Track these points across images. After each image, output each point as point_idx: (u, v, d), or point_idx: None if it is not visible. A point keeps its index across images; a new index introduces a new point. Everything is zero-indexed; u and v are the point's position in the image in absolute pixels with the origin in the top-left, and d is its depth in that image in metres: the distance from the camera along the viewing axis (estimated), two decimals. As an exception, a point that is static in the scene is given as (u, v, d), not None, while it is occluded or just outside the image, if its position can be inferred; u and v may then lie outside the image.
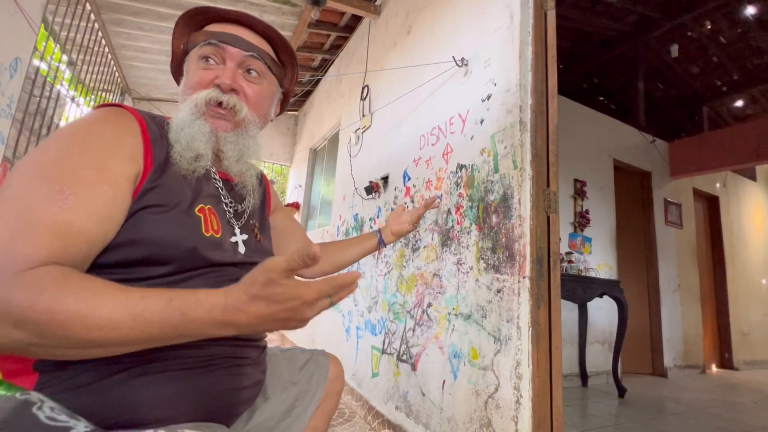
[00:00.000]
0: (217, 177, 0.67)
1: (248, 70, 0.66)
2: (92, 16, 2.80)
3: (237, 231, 0.66)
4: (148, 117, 0.60)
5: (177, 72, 0.72)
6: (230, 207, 0.67)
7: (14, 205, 0.44)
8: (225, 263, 0.60)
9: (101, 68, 3.33)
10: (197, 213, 0.59)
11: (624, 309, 2.73)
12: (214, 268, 0.59)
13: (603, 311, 3.21)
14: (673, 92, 4.77)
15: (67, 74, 2.91)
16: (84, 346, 0.40)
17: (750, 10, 3.50)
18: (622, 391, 2.72)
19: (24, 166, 0.48)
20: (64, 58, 2.88)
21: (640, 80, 4.11)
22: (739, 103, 4.83)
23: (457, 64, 1.70)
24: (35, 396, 0.23)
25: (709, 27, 3.77)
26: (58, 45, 2.60)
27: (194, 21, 0.68)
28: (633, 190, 3.99)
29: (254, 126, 0.67)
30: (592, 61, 4.28)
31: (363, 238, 1.08)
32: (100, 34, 3.05)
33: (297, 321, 0.43)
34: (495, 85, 1.48)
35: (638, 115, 4.06)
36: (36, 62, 2.18)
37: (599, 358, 3.16)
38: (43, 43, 2.23)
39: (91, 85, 3.21)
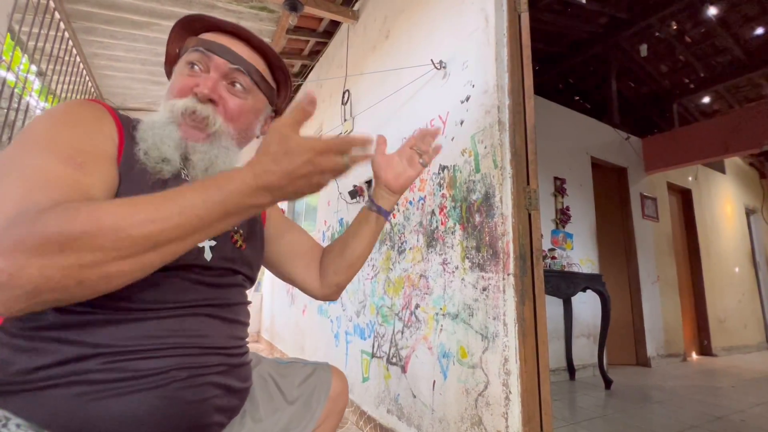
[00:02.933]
0: (189, 180, 0.63)
1: (233, 83, 0.64)
2: (62, 25, 2.72)
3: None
4: (121, 113, 0.61)
5: (169, 75, 0.71)
6: None
7: (25, 172, 0.42)
8: (187, 265, 0.57)
9: (73, 78, 3.24)
10: None
11: (607, 302, 2.79)
12: (172, 272, 0.55)
13: (587, 305, 3.28)
14: (645, 90, 4.94)
15: (37, 85, 2.82)
16: (140, 247, 0.39)
17: (712, 11, 3.67)
18: (608, 383, 2.78)
19: (15, 144, 0.46)
20: (33, 68, 2.78)
21: (613, 79, 4.25)
22: (706, 100, 5.04)
23: (436, 67, 1.72)
24: (0, 413, 0.22)
25: (674, 27, 3.93)
26: (26, 55, 2.51)
27: (191, 27, 0.68)
28: (610, 185, 4.11)
29: (229, 138, 0.64)
30: (567, 62, 4.40)
31: (361, 220, 0.80)
32: (71, 43, 2.97)
33: (319, 175, 0.47)
34: (473, 86, 1.50)
35: (612, 113, 4.19)
36: (2, 73, 2.11)
37: (585, 351, 3.22)
38: (10, 54, 2.16)
39: (63, 95, 3.11)
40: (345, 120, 2.70)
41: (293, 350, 3.13)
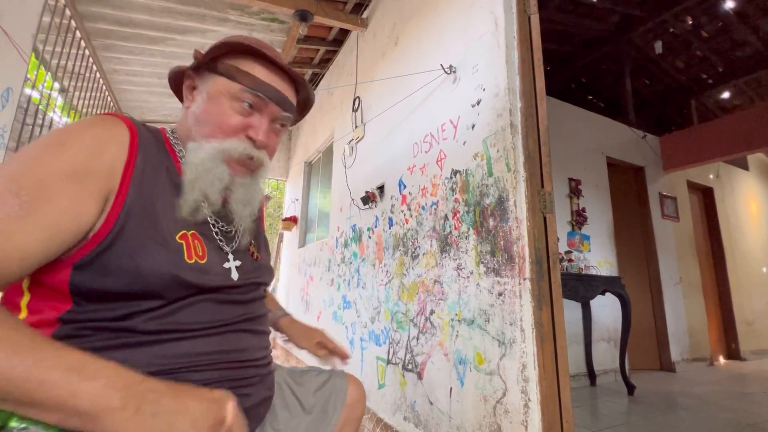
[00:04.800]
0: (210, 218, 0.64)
1: (279, 123, 0.67)
2: (82, 43, 2.83)
3: (230, 257, 0.64)
4: (141, 126, 0.58)
5: (178, 84, 0.69)
6: (220, 229, 0.65)
7: None
8: (217, 287, 0.59)
9: (93, 93, 3.35)
10: (178, 240, 0.56)
11: (627, 305, 2.72)
12: (206, 294, 0.57)
13: (606, 308, 3.20)
14: (661, 87, 4.83)
15: (60, 101, 2.93)
16: None
17: (729, 4, 3.57)
18: (631, 389, 2.70)
19: (2, 162, 0.48)
20: (56, 85, 2.89)
21: (627, 77, 4.17)
22: (726, 95, 4.89)
23: (446, 72, 1.72)
24: (33, 429, 0.23)
25: (690, 22, 3.84)
26: (49, 73, 2.61)
27: (239, 47, 0.63)
28: (627, 185, 4.02)
29: (267, 171, 0.68)
30: (579, 62, 4.34)
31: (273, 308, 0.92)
32: (91, 60, 3.08)
33: None
34: (484, 90, 1.50)
35: (628, 111, 4.11)
36: (28, 91, 2.19)
37: (606, 356, 3.14)
38: (35, 72, 2.25)
39: (84, 110, 3.22)
40: (356, 127, 2.72)
41: (308, 357, 3.13)
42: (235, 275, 0.63)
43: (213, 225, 0.64)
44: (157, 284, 0.52)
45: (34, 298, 0.51)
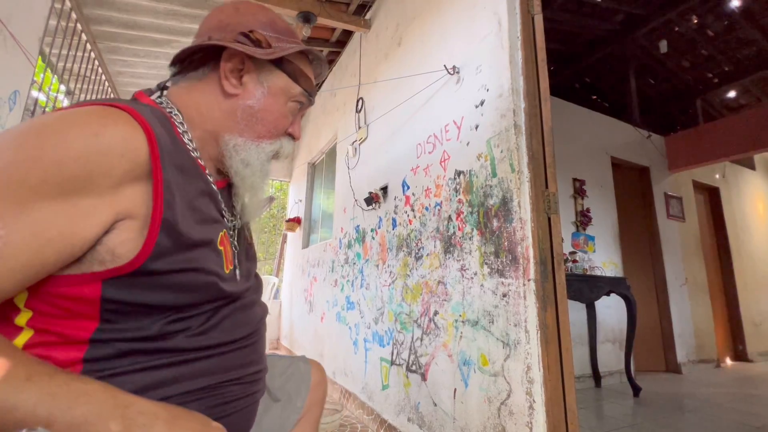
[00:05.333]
0: (214, 188, 0.57)
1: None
2: (88, 46, 2.85)
3: (236, 253, 0.61)
4: (151, 118, 0.47)
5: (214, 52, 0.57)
6: (230, 223, 0.61)
7: None
8: (235, 294, 0.57)
9: (99, 96, 3.38)
10: (219, 247, 0.53)
11: (632, 306, 2.70)
12: (232, 304, 0.56)
13: (612, 309, 3.18)
14: (666, 87, 4.80)
15: (66, 103, 2.96)
16: None
17: (734, 2, 3.54)
18: (636, 390, 2.68)
19: None
20: (62, 88, 2.92)
21: (632, 77, 4.14)
22: (732, 94, 4.85)
23: (449, 72, 1.72)
24: None
25: (695, 21, 3.81)
26: (55, 76, 2.64)
27: (303, 55, 0.63)
28: (632, 186, 4.00)
29: None
30: (583, 62, 4.32)
31: None
32: (96, 62, 3.10)
33: None
34: (487, 90, 1.50)
35: (632, 111, 4.08)
36: (35, 93, 2.22)
37: (611, 357, 3.12)
38: (41, 75, 2.27)
39: (90, 112, 3.24)
40: (359, 128, 2.72)
41: (312, 357, 3.13)
42: (239, 276, 0.60)
43: (224, 215, 0.59)
44: (203, 296, 0.49)
45: (37, 315, 0.43)
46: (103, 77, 3.37)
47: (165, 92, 0.59)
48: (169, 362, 0.47)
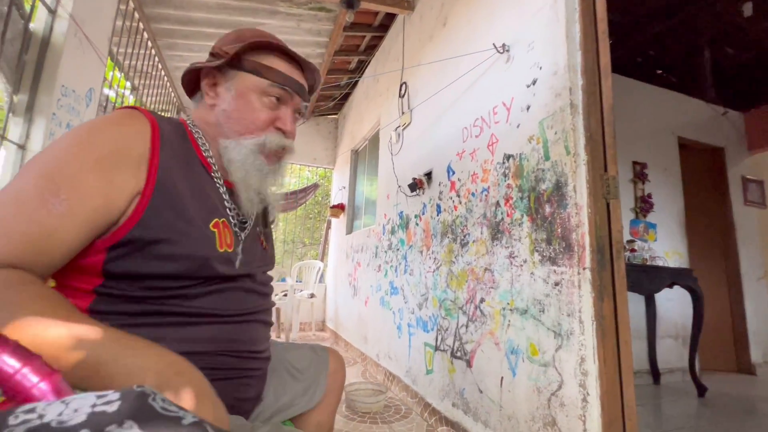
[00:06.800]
0: (221, 184, 0.66)
1: (298, 112, 0.72)
2: (149, 44, 3.06)
3: (241, 242, 0.66)
4: (162, 119, 0.60)
5: (209, 74, 0.67)
6: (234, 215, 0.66)
7: (10, 199, 0.46)
8: (241, 275, 0.63)
9: (159, 90, 3.63)
10: (212, 228, 0.59)
11: (699, 300, 2.49)
12: (230, 283, 0.61)
13: (674, 303, 2.95)
14: (747, 57, 4.24)
15: (131, 99, 3.20)
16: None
17: (841, -48, 3.03)
18: (701, 390, 2.48)
19: (32, 161, 0.49)
20: (128, 84, 3.16)
21: (706, 47, 3.71)
22: (832, 61, 4.19)
23: (498, 51, 1.64)
24: (148, 389, 0.26)
25: (788, -22, 3.31)
26: (122, 73, 2.86)
27: (259, 44, 0.66)
28: (703, 169, 3.63)
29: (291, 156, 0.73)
30: (648, 33, 3.93)
31: None
32: (156, 59, 3.32)
33: None
34: (540, 68, 1.41)
35: (705, 85, 3.67)
36: (106, 91, 2.42)
37: (672, 353, 2.91)
38: (111, 73, 2.47)
39: (151, 107, 3.50)
40: (402, 113, 2.70)
41: (356, 340, 3.23)
42: (237, 263, 0.64)
43: (228, 206, 0.65)
44: (188, 268, 0.55)
45: (58, 275, 0.52)
46: (163, 72, 3.61)
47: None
48: (157, 322, 0.54)
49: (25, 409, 0.24)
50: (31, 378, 0.30)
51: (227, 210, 0.65)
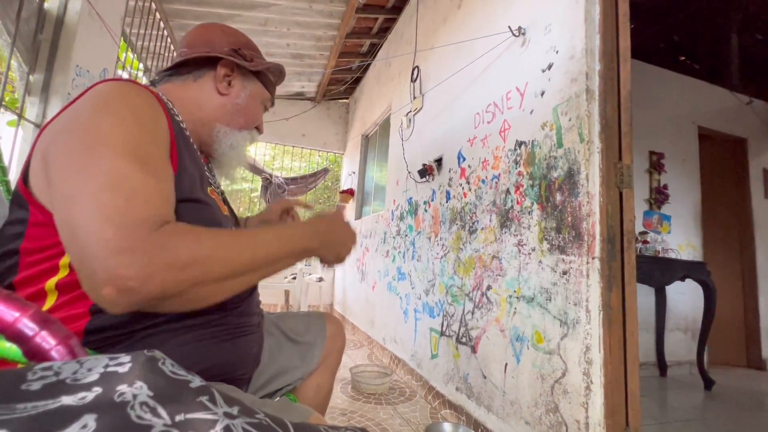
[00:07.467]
0: (202, 160, 0.70)
1: None
2: (161, 24, 3.05)
3: (229, 209, 0.74)
4: (161, 96, 0.62)
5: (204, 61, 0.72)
6: (215, 186, 0.72)
7: (112, 178, 0.43)
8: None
9: (172, 72, 3.63)
10: (210, 195, 0.64)
11: (711, 293, 2.45)
12: None
13: (685, 296, 2.91)
14: (777, 43, 4.05)
15: (144, 80, 3.22)
16: (235, 274, 0.47)
17: None
18: (708, 383, 2.47)
19: (85, 141, 0.46)
20: (141, 66, 3.18)
21: (734, 33, 3.55)
22: None
23: (514, 34, 1.60)
24: (158, 353, 0.27)
25: (827, -42, 3.12)
26: (134, 54, 2.87)
27: (277, 70, 0.81)
28: (723, 160, 3.51)
29: None
30: (672, 17, 3.77)
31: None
32: (169, 40, 3.32)
33: (344, 248, 0.66)
34: (557, 52, 1.37)
35: (730, 73, 3.53)
36: (119, 72, 2.44)
37: (681, 346, 2.88)
38: (124, 54, 2.48)
39: (165, 88, 3.50)
40: (414, 98, 2.66)
41: (363, 323, 3.28)
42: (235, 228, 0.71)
43: (210, 179, 0.71)
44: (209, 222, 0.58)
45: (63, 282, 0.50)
46: (175, 54, 3.60)
47: (156, 86, 0.72)
48: None
49: (43, 366, 0.25)
50: (49, 340, 0.31)
51: (210, 179, 0.70)
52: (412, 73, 2.71)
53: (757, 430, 1.84)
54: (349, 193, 4.46)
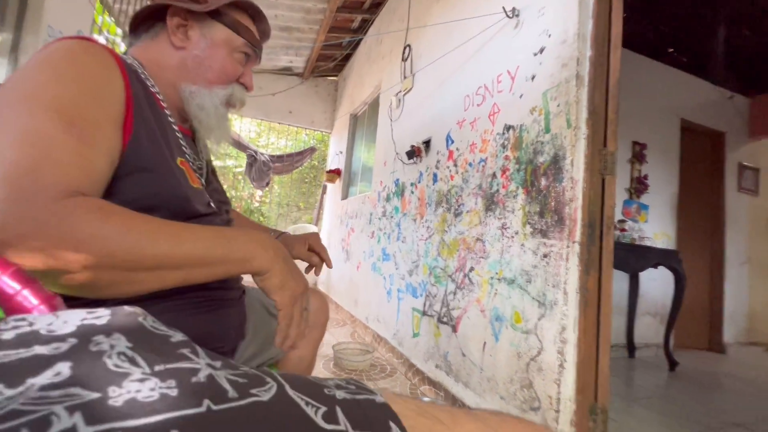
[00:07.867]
0: (177, 129, 0.64)
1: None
2: (141, -13, 2.88)
3: (203, 183, 0.68)
4: (121, 57, 0.57)
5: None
6: (191, 157, 0.66)
7: (26, 135, 0.40)
8: (207, 213, 0.63)
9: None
10: (180, 165, 0.59)
11: (681, 280, 2.57)
12: (198, 219, 0.60)
13: (657, 282, 3.04)
14: (766, 40, 4.12)
15: (123, 47, 3.06)
16: (157, 263, 0.41)
17: None
18: (673, 364, 2.61)
19: (13, 94, 0.43)
20: (119, 31, 3.01)
21: (722, 27, 3.59)
22: None
23: (507, 15, 1.58)
24: (139, 309, 0.26)
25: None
26: (112, 18, 2.72)
27: (241, 3, 0.69)
28: (702, 153, 3.61)
29: None
30: (663, 9, 3.78)
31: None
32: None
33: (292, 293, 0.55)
34: (549, 36, 1.36)
35: (715, 67, 3.58)
36: (95, 36, 2.31)
37: (649, 330, 3.03)
38: (100, 17, 2.35)
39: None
40: (405, 77, 2.62)
41: (347, 303, 3.32)
42: (212, 202, 0.66)
43: (185, 151, 0.65)
44: (171, 204, 0.54)
45: None
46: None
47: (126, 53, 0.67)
48: None
49: (17, 317, 0.25)
50: (31, 300, 0.30)
51: (183, 151, 0.64)
52: (404, 52, 2.66)
53: (714, 407, 1.97)
54: (336, 173, 4.41)
